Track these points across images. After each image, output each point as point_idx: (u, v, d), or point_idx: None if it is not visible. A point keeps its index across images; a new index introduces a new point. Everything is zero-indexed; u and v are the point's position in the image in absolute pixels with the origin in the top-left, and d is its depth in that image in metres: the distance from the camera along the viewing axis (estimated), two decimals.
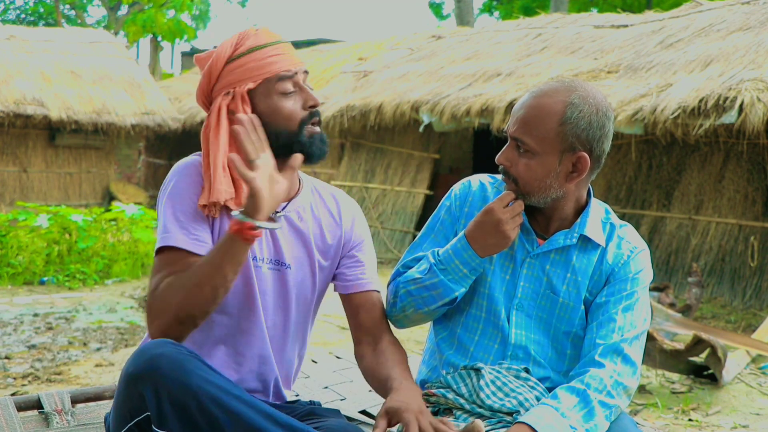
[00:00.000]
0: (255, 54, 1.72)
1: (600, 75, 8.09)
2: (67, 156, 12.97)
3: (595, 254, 1.81)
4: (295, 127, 1.73)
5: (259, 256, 1.76)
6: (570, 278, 1.80)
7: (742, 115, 6.07)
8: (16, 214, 8.07)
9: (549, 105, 1.70)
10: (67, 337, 5.25)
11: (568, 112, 1.69)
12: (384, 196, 10.25)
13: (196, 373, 1.48)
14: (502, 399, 1.70)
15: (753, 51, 6.99)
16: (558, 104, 1.70)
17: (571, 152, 1.71)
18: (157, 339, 1.57)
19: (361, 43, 14.69)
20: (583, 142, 1.71)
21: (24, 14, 29.29)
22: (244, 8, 45.84)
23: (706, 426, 3.78)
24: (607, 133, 1.73)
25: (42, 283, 7.30)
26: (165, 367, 1.47)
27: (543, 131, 1.70)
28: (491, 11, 25.50)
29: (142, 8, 22.21)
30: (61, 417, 2.04)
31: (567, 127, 1.69)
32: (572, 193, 1.78)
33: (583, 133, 1.70)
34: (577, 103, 1.70)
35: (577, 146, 1.70)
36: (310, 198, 1.87)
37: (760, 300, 6.68)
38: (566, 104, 1.70)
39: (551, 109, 1.70)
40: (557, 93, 1.72)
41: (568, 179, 1.74)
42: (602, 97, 1.74)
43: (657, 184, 7.76)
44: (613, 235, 1.84)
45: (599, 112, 1.71)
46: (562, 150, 1.71)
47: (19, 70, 12.60)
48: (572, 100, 1.70)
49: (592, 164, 1.73)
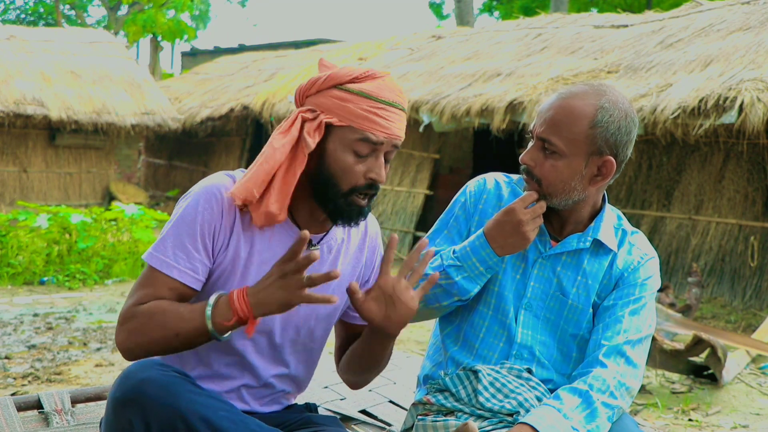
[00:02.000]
0: (363, 100, 1.61)
1: (600, 75, 8.09)
2: (67, 156, 12.96)
3: (606, 259, 1.82)
4: (345, 188, 1.63)
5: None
6: (580, 281, 1.81)
7: (742, 115, 6.07)
8: (16, 214, 8.07)
9: (580, 107, 1.71)
10: (67, 337, 5.25)
11: (599, 115, 1.70)
12: (384, 196, 10.26)
13: (184, 395, 1.47)
14: (502, 400, 1.69)
15: (753, 51, 6.99)
16: (589, 107, 1.71)
17: (598, 156, 1.72)
18: (142, 360, 1.56)
19: (361, 43, 14.69)
20: (611, 146, 1.72)
21: (24, 14, 29.29)
22: (244, 8, 45.88)
23: (706, 426, 3.78)
24: (633, 139, 1.75)
25: (42, 283, 7.30)
26: (151, 392, 1.46)
27: (573, 133, 1.71)
28: (491, 11, 25.50)
29: (142, 8, 22.21)
30: (61, 417, 2.04)
31: (597, 130, 1.70)
32: (592, 197, 1.79)
33: (612, 137, 1.71)
34: (608, 108, 1.71)
35: (604, 150, 1.72)
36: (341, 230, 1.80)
37: (760, 300, 6.68)
38: (597, 107, 1.71)
39: (582, 111, 1.71)
40: (588, 96, 1.73)
41: (591, 182, 1.75)
42: (629, 103, 1.76)
43: (657, 184, 7.76)
44: (624, 241, 1.85)
45: (628, 117, 1.73)
46: (589, 153, 1.72)
47: (19, 70, 12.60)
48: (603, 104, 1.71)
49: (616, 168, 1.74)
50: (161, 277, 1.62)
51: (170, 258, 1.62)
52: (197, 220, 1.63)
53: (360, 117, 1.60)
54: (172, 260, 1.62)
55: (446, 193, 10.12)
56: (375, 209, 10.22)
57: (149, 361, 1.55)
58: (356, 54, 13.53)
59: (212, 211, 1.64)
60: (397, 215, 10.07)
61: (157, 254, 1.63)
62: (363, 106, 1.60)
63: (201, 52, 25.12)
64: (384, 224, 10.07)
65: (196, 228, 1.63)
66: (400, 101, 1.65)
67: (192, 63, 23.90)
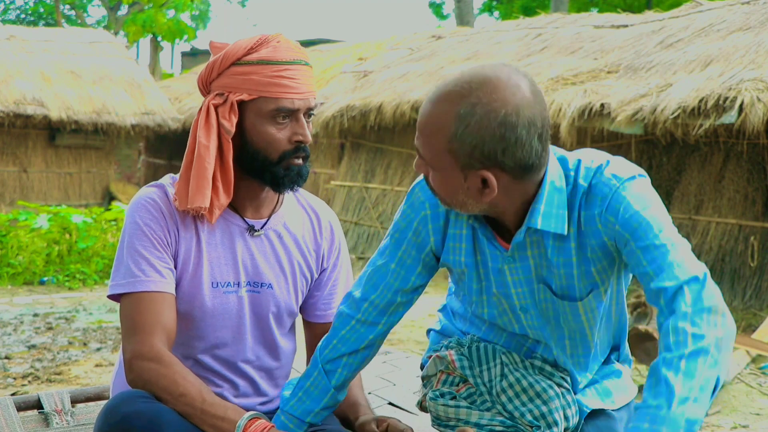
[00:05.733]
0: (263, 68, 1.60)
1: (600, 75, 8.09)
2: (67, 156, 12.97)
3: (569, 239, 1.52)
4: (274, 157, 1.64)
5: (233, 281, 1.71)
6: (555, 272, 1.55)
7: (742, 115, 6.07)
8: (16, 214, 8.07)
9: (438, 117, 1.41)
10: (67, 337, 5.25)
11: (454, 127, 1.39)
12: (384, 196, 10.25)
13: (172, 426, 1.46)
14: (525, 404, 1.59)
15: (753, 51, 6.99)
16: (446, 116, 1.40)
17: (473, 170, 1.42)
18: (126, 392, 1.54)
19: (361, 43, 14.69)
20: (479, 159, 1.40)
21: (24, 14, 29.30)
22: (244, 8, 45.85)
23: (706, 426, 3.78)
24: (515, 143, 1.38)
25: (42, 283, 7.30)
26: (139, 426, 1.44)
27: (434, 148, 1.43)
28: (491, 11, 25.51)
29: (142, 8, 22.21)
30: (61, 417, 2.04)
31: (455, 145, 1.40)
32: (503, 203, 1.48)
33: (475, 150, 1.39)
34: (464, 115, 1.38)
35: (475, 164, 1.41)
36: (290, 211, 1.80)
37: (760, 300, 6.68)
38: (454, 116, 1.39)
39: (438, 122, 1.41)
40: (448, 100, 1.41)
41: (482, 195, 1.44)
42: (501, 100, 1.37)
43: (657, 184, 7.74)
44: (578, 197, 1.49)
45: (492, 122, 1.37)
46: (461, 167, 1.42)
47: (19, 70, 12.60)
48: (460, 111, 1.38)
49: (509, 174, 1.42)
50: (144, 299, 1.60)
51: (141, 275, 1.61)
52: (145, 231, 1.63)
53: (268, 85, 1.59)
54: (143, 276, 1.61)
55: None
56: (375, 209, 10.23)
57: (133, 393, 1.53)
58: (356, 54, 13.53)
59: (153, 216, 1.65)
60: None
61: (124, 281, 1.61)
62: (267, 73, 1.60)
63: (201, 52, 25.13)
64: (384, 224, 10.07)
65: (147, 237, 1.63)
66: (300, 57, 1.64)
67: (192, 63, 23.92)
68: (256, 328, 1.75)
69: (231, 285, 1.70)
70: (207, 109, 1.64)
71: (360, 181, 10.51)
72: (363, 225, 10.26)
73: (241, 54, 1.62)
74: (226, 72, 1.63)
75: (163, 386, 1.52)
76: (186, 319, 1.68)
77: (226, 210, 1.71)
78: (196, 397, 1.51)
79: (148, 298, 1.60)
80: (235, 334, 1.73)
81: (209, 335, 1.71)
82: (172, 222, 1.66)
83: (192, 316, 1.69)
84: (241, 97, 1.61)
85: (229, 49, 1.63)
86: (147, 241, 1.63)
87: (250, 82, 1.60)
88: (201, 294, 1.68)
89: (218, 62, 1.64)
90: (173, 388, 1.52)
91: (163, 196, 1.68)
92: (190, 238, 1.68)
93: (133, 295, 1.61)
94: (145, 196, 1.68)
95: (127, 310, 1.61)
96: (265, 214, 1.76)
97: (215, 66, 1.64)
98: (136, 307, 1.60)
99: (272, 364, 1.81)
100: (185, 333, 1.69)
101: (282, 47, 1.63)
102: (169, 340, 1.60)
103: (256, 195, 1.73)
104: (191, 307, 1.68)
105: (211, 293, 1.68)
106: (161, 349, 1.56)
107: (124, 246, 1.64)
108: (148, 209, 1.65)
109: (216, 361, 1.73)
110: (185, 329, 1.69)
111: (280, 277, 1.75)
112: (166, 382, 1.52)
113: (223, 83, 1.63)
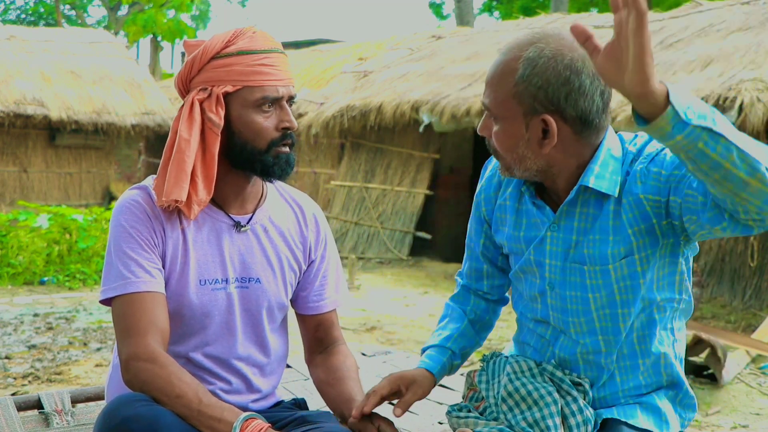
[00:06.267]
0: (244, 58, 1.63)
1: None
2: (67, 156, 12.98)
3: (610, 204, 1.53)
4: (263, 146, 1.65)
5: (221, 278, 1.71)
6: (592, 238, 1.55)
7: (742, 115, 6.07)
8: (16, 214, 8.08)
9: (506, 63, 1.49)
10: (67, 337, 5.25)
11: (521, 69, 1.46)
12: (384, 196, 10.25)
13: (171, 429, 1.46)
14: (523, 411, 1.58)
15: (753, 51, 6.99)
16: (515, 61, 1.47)
17: (535, 115, 1.47)
18: (124, 396, 1.54)
19: (361, 43, 14.70)
20: (543, 102, 1.46)
21: (24, 14, 29.32)
22: (244, 8, 45.89)
23: (706, 426, 3.78)
24: (578, 89, 1.44)
25: (42, 283, 7.30)
26: (136, 430, 1.44)
27: (501, 93, 1.49)
28: (491, 11, 25.53)
29: (142, 8, 22.23)
30: (61, 417, 2.04)
31: (521, 86, 1.46)
32: (559, 162, 1.53)
33: (540, 92, 1.45)
34: (531, 58, 1.45)
35: (538, 108, 1.46)
36: (274, 206, 1.81)
37: (760, 300, 6.68)
38: (521, 60, 1.46)
39: (508, 67, 1.48)
40: (517, 47, 1.49)
41: (541, 146, 1.49)
42: (568, 47, 1.45)
43: None
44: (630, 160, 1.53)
45: (559, 65, 1.44)
46: (524, 113, 1.48)
47: (19, 70, 12.61)
48: (528, 55, 1.46)
49: (570, 127, 1.48)
50: (140, 298, 1.60)
51: (132, 276, 1.61)
52: (131, 233, 1.64)
53: (250, 74, 1.63)
54: (134, 277, 1.61)
55: (446, 193, 10.12)
56: (375, 209, 10.23)
57: (132, 396, 1.53)
58: (356, 54, 13.54)
59: (138, 218, 1.65)
60: (397, 215, 10.07)
61: (116, 284, 1.62)
62: (248, 63, 1.62)
63: None
64: (384, 224, 10.08)
65: (134, 239, 1.64)
66: (276, 46, 1.68)
67: None
68: (246, 324, 1.76)
69: (219, 282, 1.71)
70: (191, 105, 1.65)
71: (360, 181, 10.52)
72: (363, 225, 10.26)
73: (219, 47, 1.64)
74: (206, 67, 1.65)
75: (159, 387, 1.53)
76: (175, 317, 1.69)
77: (211, 207, 1.72)
78: (193, 399, 1.52)
79: (140, 299, 1.60)
80: (226, 330, 1.74)
81: (199, 333, 1.72)
82: (157, 222, 1.67)
83: (181, 315, 1.70)
84: (225, 89, 1.63)
85: (207, 44, 1.65)
86: (134, 243, 1.64)
87: (232, 73, 1.63)
88: (188, 292, 1.68)
89: (198, 58, 1.65)
90: (169, 390, 1.52)
91: (146, 197, 1.69)
92: (176, 237, 1.68)
93: (125, 296, 1.61)
94: (129, 199, 1.68)
95: (120, 311, 1.62)
96: (250, 209, 1.77)
97: (195, 62, 1.66)
98: (129, 309, 1.60)
99: (264, 360, 1.81)
100: (176, 332, 1.70)
101: (258, 37, 1.66)
102: (164, 340, 1.61)
103: (241, 190, 1.74)
104: (180, 305, 1.69)
105: (199, 291, 1.69)
106: (156, 350, 1.57)
107: (112, 250, 1.65)
108: (133, 211, 1.66)
109: (207, 359, 1.74)
110: (175, 328, 1.69)
111: (268, 272, 1.76)
112: (162, 383, 1.53)
113: (204, 78, 1.65)
